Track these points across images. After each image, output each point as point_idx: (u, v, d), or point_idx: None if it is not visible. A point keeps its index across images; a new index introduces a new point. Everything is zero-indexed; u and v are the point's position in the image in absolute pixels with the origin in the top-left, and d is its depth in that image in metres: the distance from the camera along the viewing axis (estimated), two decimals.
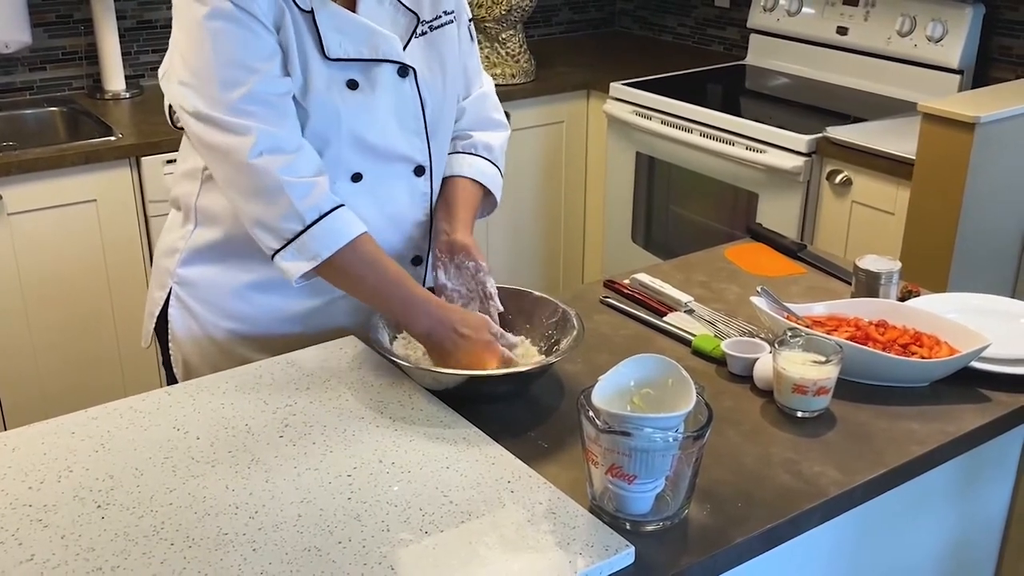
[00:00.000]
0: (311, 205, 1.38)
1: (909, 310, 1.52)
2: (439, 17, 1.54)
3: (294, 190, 1.37)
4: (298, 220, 1.38)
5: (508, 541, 1.08)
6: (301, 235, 1.39)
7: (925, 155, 2.29)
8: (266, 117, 1.37)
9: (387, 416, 1.32)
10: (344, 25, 1.42)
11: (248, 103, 1.36)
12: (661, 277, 1.73)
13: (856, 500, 1.24)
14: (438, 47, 1.54)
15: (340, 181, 1.47)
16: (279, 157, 1.37)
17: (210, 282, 1.57)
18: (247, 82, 1.36)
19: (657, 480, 1.11)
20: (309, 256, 1.39)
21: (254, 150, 1.36)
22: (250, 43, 1.36)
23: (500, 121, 1.71)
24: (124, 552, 1.06)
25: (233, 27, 1.35)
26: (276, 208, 1.38)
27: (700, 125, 2.88)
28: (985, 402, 1.40)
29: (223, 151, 1.38)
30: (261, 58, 1.37)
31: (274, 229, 1.40)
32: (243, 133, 1.36)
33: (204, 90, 1.37)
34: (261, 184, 1.37)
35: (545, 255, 3.45)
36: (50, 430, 1.28)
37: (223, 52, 1.36)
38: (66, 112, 2.93)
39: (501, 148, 1.69)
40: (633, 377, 1.17)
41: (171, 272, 1.59)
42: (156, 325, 1.63)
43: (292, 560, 1.05)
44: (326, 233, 1.39)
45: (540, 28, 3.87)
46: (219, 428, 1.29)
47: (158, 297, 1.62)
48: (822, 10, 3.18)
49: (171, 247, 1.60)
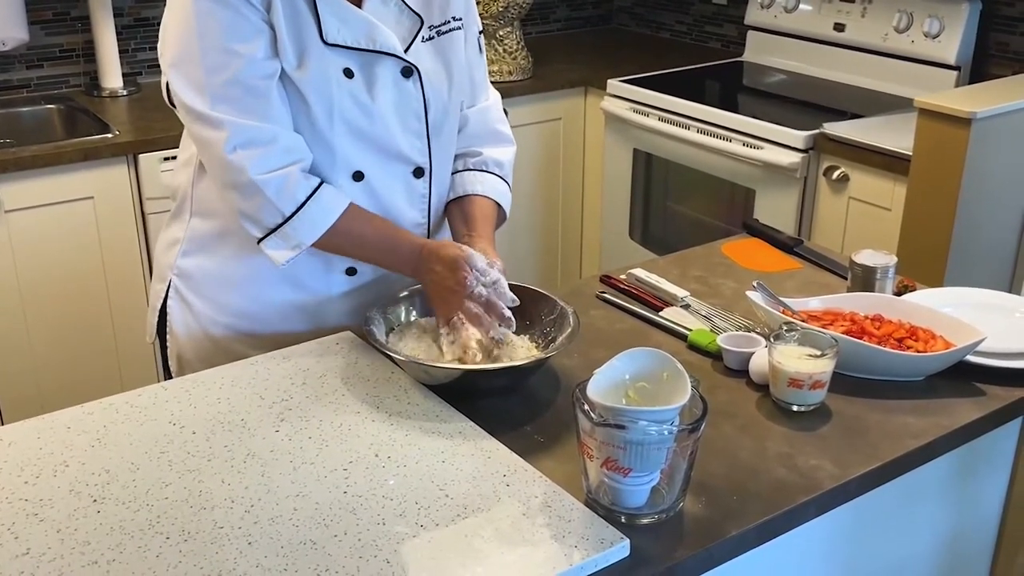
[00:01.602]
0: (288, 197, 1.42)
1: (905, 304, 1.52)
2: (447, 23, 1.55)
3: (268, 186, 1.41)
4: (277, 213, 1.43)
5: (504, 534, 1.09)
6: (283, 225, 1.43)
7: (922, 151, 2.30)
8: (244, 105, 1.39)
9: (383, 410, 1.32)
10: (344, 14, 1.44)
11: (230, 87, 1.39)
12: (658, 272, 1.74)
13: (851, 493, 1.24)
14: (445, 52, 1.55)
15: (342, 179, 1.49)
16: (251, 151, 1.40)
17: (207, 274, 1.58)
18: (231, 67, 1.38)
19: (652, 473, 1.11)
20: (292, 244, 1.45)
21: (228, 145, 1.39)
22: (236, 24, 1.38)
23: (506, 135, 1.71)
24: (120, 546, 1.06)
25: (219, 8, 1.37)
26: (254, 202, 1.42)
27: (697, 122, 2.88)
28: (980, 396, 1.40)
29: (205, 144, 1.43)
30: (246, 40, 1.38)
31: (256, 220, 1.44)
32: (218, 127, 1.39)
33: (189, 74, 1.40)
34: (237, 179, 1.41)
35: (543, 251, 3.45)
36: (46, 425, 1.28)
37: (208, 35, 1.38)
38: (63, 109, 2.93)
39: (510, 164, 1.70)
40: (628, 371, 1.17)
41: (171, 264, 1.61)
42: (158, 319, 1.64)
43: (288, 553, 1.05)
44: (306, 222, 1.44)
45: (537, 25, 3.87)
46: (215, 423, 1.29)
47: (159, 290, 1.63)
48: (819, 7, 3.18)
49: (171, 239, 1.62)
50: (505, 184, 1.67)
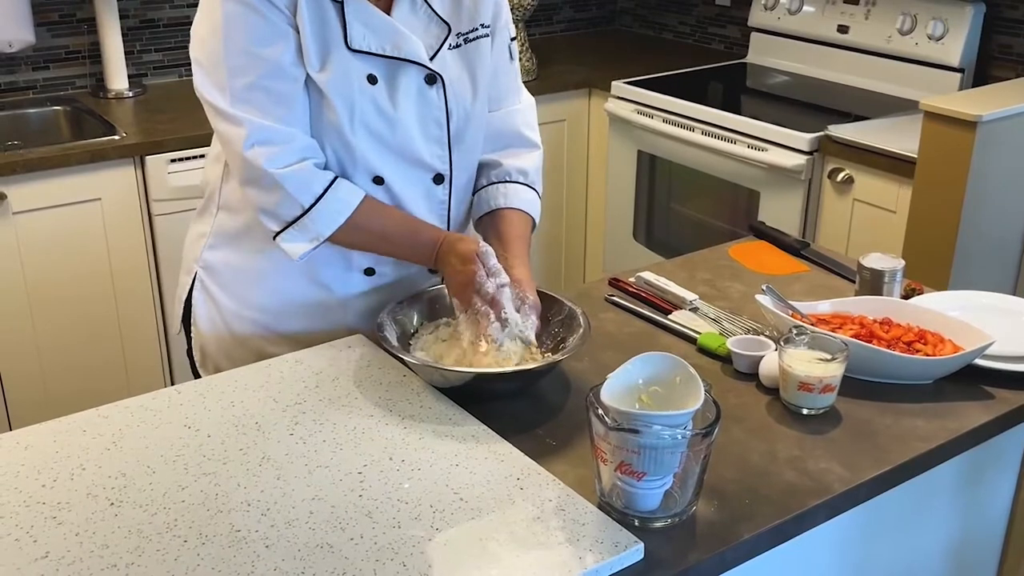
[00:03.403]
0: (306, 189, 1.44)
1: (913, 308, 1.53)
2: (475, 30, 1.55)
3: (287, 180, 1.42)
4: (296, 206, 1.44)
5: (519, 537, 1.09)
6: (301, 218, 1.45)
7: (927, 153, 2.30)
8: (264, 107, 1.41)
9: (396, 414, 1.33)
10: (372, 20, 1.44)
11: (252, 91, 1.41)
12: (665, 275, 1.74)
13: (861, 497, 1.25)
14: (471, 60, 1.55)
15: (362, 182, 1.50)
16: (268, 149, 1.41)
17: (231, 268, 1.60)
18: (254, 70, 1.40)
19: (666, 477, 1.12)
20: (311, 236, 1.46)
21: (247, 142, 1.41)
22: (261, 28, 1.40)
23: (530, 139, 1.68)
24: (138, 549, 1.07)
25: (247, 12, 1.39)
26: (273, 196, 1.44)
27: (702, 123, 2.89)
28: (989, 399, 1.41)
29: (226, 139, 1.45)
30: (271, 44, 1.40)
31: (274, 215, 1.46)
32: (238, 124, 1.41)
33: (214, 74, 1.43)
34: (255, 175, 1.43)
35: (547, 253, 3.46)
36: (62, 428, 1.29)
37: (234, 38, 1.40)
38: (69, 111, 2.94)
39: (536, 170, 1.67)
40: (641, 375, 1.18)
41: (196, 257, 1.63)
42: (183, 311, 1.66)
43: (305, 556, 1.06)
44: (325, 214, 1.45)
45: (541, 26, 3.88)
46: (229, 426, 1.30)
47: (184, 282, 1.66)
48: (823, 8, 3.19)
49: (199, 232, 1.64)
50: (532, 191, 1.65)
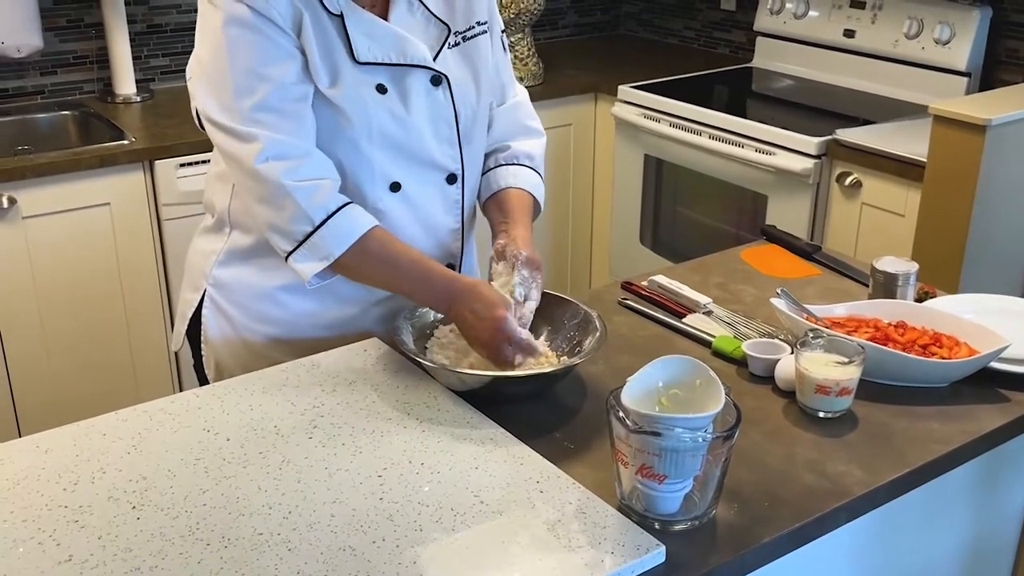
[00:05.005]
0: (318, 205, 1.41)
1: (928, 311, 1.53)
2: (472, 28, 1.55)
3: (299, 192, 1.40)
4: (307, 221, 1.41)
5: (540, 540, 1.10)
6: (311, 236, 1.42)
7: (936, 157, 2.31)
8: (276, 125, 1.40)
9: (413, 417, 1.33)
10: (373, 30, 1.44)
11: (260, 111, 1.39)
12: (678, 279, 1.74)
13: (880, 499, 1.25)
14: (471, 57, 1.55)
15: (380, 191, 1.50)
16: (283, 163, 1.40)
17: (245, 285, 1.58)
18: (260, 90, 1.39)
19: (686, 480, 1.12)
20: (321, 256, 1.43)
21: (260, 156, 1.39)
22: (266, 49, 1.39)
23: (536, 129, 1.72)
24: (161, 552, 1.07)
25: (249, 33, 1.38)
26: (285, 211, 1.41)
27: (709, 127, 2.89)
28: (1004, 402, 1.41)
29: (234, 158, 1.42)
30: (276, 64, 1.39)
31: (285, 232, 1.43)
32: (250, 140, 1.39)
33: (219, 96, 1.41)
34: (268, 190, 1.41)
35: (553, 257, 3.46)
36: (81, 432, 1.29)
37: (239, 59, 1.39)
38: (78, 116, 2.94)
39: (541, 156, 1.70)
40: (661, 378, 1.18)
41: (206, 274, 1.61)
42: (188, 327, 1.64)
43: (328, 560, 1.06)
44: (336, 232, 1.42)
45: (546, 31, 3.88)
46: (248, 430, 1.30)
47: (191, 299, 1.63)
48: (829, 13, 3.19)
49: (208, 249, 1.62)
50: (538, 176, 1.67)
